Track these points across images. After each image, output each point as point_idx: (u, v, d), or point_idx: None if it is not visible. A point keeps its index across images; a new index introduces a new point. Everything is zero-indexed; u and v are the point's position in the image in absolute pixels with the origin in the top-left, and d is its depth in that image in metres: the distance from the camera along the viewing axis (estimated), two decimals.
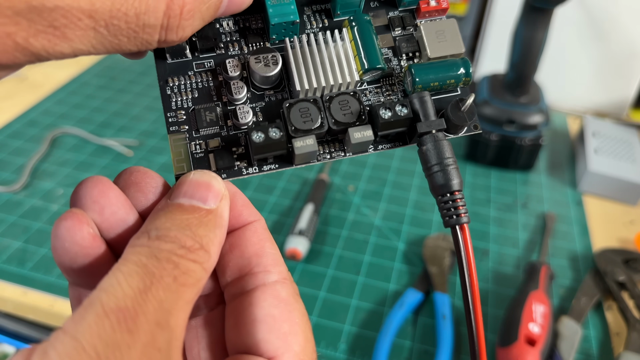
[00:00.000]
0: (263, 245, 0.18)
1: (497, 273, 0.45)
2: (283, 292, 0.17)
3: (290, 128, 0.17)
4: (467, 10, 0.75)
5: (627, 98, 0.68)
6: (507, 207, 0.52)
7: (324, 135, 0.18)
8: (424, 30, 0.19)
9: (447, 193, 0.17)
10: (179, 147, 0.18)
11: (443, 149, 0.18)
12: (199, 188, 0.16)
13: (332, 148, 0.19)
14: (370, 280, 0.43)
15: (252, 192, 0.52)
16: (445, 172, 0.17)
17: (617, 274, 0.44)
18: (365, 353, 0.38)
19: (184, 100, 0.18)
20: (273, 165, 0.18)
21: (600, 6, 0.63)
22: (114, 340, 0.12)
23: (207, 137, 0.18)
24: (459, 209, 0.17)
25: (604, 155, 0.56)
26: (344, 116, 0.18)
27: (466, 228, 0.17)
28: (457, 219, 0.17)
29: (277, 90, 0.19)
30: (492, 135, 0.55)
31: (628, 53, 0.65)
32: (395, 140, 0.19)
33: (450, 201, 0.17)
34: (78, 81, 0.68)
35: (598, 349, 0.39)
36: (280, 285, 0.17)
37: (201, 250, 0.15)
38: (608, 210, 0.53)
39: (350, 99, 0.18)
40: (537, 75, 0.54)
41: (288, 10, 0.18)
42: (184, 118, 0.18)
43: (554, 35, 0.64)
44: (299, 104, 0.18)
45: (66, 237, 0.15)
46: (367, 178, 0.55)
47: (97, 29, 0.14)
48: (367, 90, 0.19)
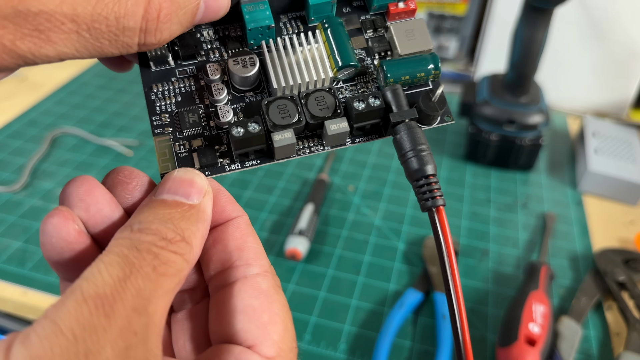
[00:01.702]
0: (245, 239, 0.19)
1: (497, 273, 0.45)
2: (263, 284, 0.18)
3: (269, 124, 0.18)
4: (467, 10, 0.76)
5: (627, 98, 0.68)
6: (507, 207, 0.52)
7: (303, 131, 0.19)
8: (394, 31, 0.20)
9: (422, 177, 0.18)
10: (164, 147, 0.18)
11: (416, 136, 0.18)
12: (182, 184, 0.17)
13: (311, 143, 0.19)
14: (371, 280, 0.43)
15: (252, 192, 0.52)
16: (420, 157, 0.18)
17: (617, 274, 0.44)
18: (365, 353, 0.38)
19: (167, 104, 0.19)
20: (255, 161, 0.19)
21: (600, 6, 0.63)
22: (91, 323, 0.13)
23: (191, 137, 0.19)
24: (434, 192, 0.18)
25: (604, 155, 0.56)
26: (320, 111, 0.19)
27: (442, 210, 0.18)
28: (432, 201, 0.18)
29: (257, 92, 0.20)
30: (492, 135, 0.55)
31: (628, 53, 0.65)
32: (371, 132, 0.20)
33: (425, 185, 0.18)
34: (78, 81, 0.68)
35: (598, 349, 0.39)
36: (261, 277, 0.18)
37: (182, 242, 0.15)
38: (608, 210, 0.53)
39: (325, 95, 0.19)
40: (537, 75, 0.54)
41: (263, 16, 0.19)
42: (168, 121, 0.19)
43: (554, 35, 0.64)
44: (277, 102, 0.19)
45: (53, 233, 0.16)
46: (367, 178, 0.55)
47: (79, 32, 0.15)
48: (342, 88, 0.20)
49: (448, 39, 0.79)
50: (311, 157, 0.57)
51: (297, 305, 0.40)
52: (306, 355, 0.37)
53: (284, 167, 0.55)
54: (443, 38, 0.79)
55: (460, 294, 0.18)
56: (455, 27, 0.77)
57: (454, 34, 0.78)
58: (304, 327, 0.39)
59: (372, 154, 0.58)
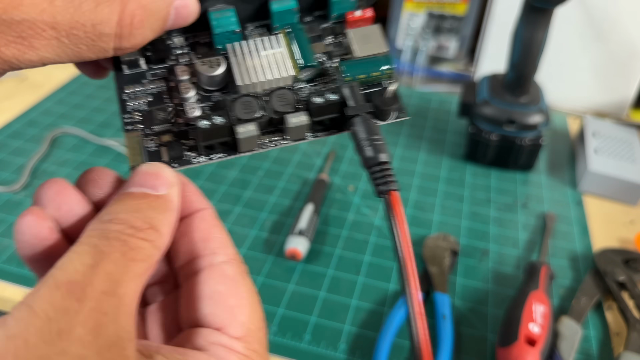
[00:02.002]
0: (210, 230, 0.20)
1: (497, 273, 0.45)
2: (229, 271, 0.19)
3: (234, 118, 0.20)
4: (467, 10, 0.76)
5: (627, 98, 0.68)
6: (507, 207, 0.52)
7: (267, 126, 0.21)
8: (351, 36, 0.22)
9: (376, 164, 0.20)
10: (134, 143, 0.20)
11: (371, 128, 0.20)
12: (149, 177, 0.18)
13: (275, 137, 0.21)
14: (371, 280, 0.43)
15: (252, 192, 0.52)
16: (375, 146, 0.20)
17: (617, 274, 0.44)
18: (365, 353, 0.38)
19: (139, 103, 0.20)
20: (221, 154, 0.20)
21: (600, 6, 0.63)
22: (64, 306, 0.14)
23: (160, 133, 0.20)
24: (388, 177, 0.19)
25: (604, 155, 0.56)
26: (281, 106, 0.20)
27: (396, 194, 0.19)
28: (386, 186, 0.19)
29: (224, 92, 0.21)
30: (492, 136, 0.55)
31: (628, 53, 0.65)
32: (330, 127, 0.22)
33: (379, 171, 0.20)
34: (78, 81, 0.68)
35: (598, 348, 0.39)
36: (226, 264, 0.20)
37: (150, 230, 0.16)
38: (608, 210, 0.53)
39: (287, 93, 0.21)
40: (537, 75, 0.54)
41: (229, 22, 0.21)
42: (139, 118, 0.20)
43: (554, 35, 0.64)
44: (242, 99, 0.20)
45: (26, 231, 0.18)
46: (367, 178, 0.55)
47: (59, 38, 0.16)
48: (304, 88, 0.22)
49: (448, 39, 0.79)
50: (311, 158, 0.57)
51: (297, 305, 0.40)
52: (306, 355, 0.37)
53: (284, 167, 0.55)
54: (443, 38, 0.79)
55: (413, 276, 0.18)
56: (455, 27, 0.78)
57: (454, 34, 0.78)
58: (304, 327, 0.39)
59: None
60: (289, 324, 0.39)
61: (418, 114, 0.67)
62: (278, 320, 0.39)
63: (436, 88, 0.75)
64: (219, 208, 0.49)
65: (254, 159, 0.56)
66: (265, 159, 0.56)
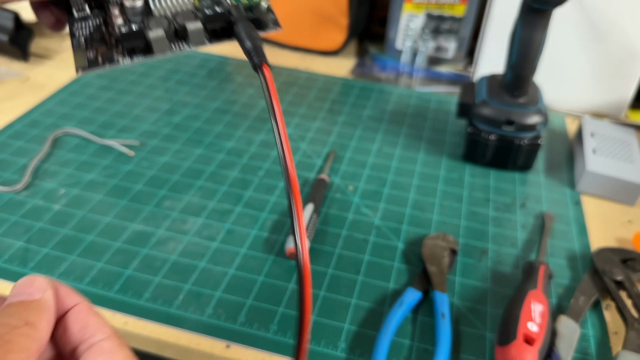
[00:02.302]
0: (87, 319, 0.23)
1: (496, 272, 0.45)
2: (106, 345, 0.22)
3: (146, 26, 0.27)
4: (466, 11, 0.76)
5: (625, 99, 0.69)
6: (506, 207, 0.53)
7: (174, 36, 0.27)
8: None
9: (253, 48, 0.25)
10: (79, 56, 0.27)
11: (251, 29, 0.26)
12: (24, 287, 0.21)
13: (180, 43, 0.27)
14: (370, 280, 0.43)
15: (252, 192, 0.52)
16: (252, 37, 0.26)
17: (615, 274, 0.44)
18: (365, 351, 0.38)
19: (83, 32, 0.28)
20: (140, 56, 0.27)
21: (598, 7, 0.64)
22: None
23: (96, 45, 0.28)
24: (261, 54, 0.25)
25: (602, 156, 0.56)
26: (183, 19, 0.27)
27: (267, 68, 0.24)
28: (259, 59, 0.24)
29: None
30: (491, 136, 0.55)
31: (626, 54, 0.65)
32: (222, 35, 0.27)
33: (254, 50, 0.25)
34: (79, 82, 0.69)
35: (596, 347, 0.40)
36: (104, 341, 0.22)
37: (26, 326, 0.20)
38: (606, 210, 0.53)
39: (188, 12, 0.28)
40: (536, 76, 0.54)
41: None
42: (83, 41, 0.28)
43: (553, 36, 0.65)
44: (154, 17, 0.27)
45: None
46: (367, 178, 0.55)
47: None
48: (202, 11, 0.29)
49: (447, 40, 0.79)
50: (311, 158, 0.57)
51: (297, 305, 0.41)
52: (307, 354, 0.37)
53: None
54: (442, 39, 0.79)
55: (285, 133, 0.23)
56: (454, 28, 0.78)
57: (453, 35, 0.78)
58: None
59: (371, 155, 0.59)
60: (289, 323, 0.39)
61: (417, 115, 0.67)
62: (278, 319, 0.39)
63: (435, 89, 0.75)
64: (220, 208, 0.50)
65: (255, 159, 0.57)
66: (265, 159, 0.57)
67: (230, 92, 0.69)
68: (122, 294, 0.41)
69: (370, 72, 0.78)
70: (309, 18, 0.78)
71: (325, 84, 0.73)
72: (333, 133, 0.62)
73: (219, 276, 0.43)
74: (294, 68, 0.77)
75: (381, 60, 0.82)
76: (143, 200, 0.50)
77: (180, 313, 0.40)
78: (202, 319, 0.39)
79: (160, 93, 0.68)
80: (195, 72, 0.73)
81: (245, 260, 0.44)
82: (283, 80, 0.73)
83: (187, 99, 0.67)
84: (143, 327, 0.39)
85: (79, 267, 0.43)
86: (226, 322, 0.39)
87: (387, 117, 0.66)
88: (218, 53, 0.79)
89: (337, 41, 0.80)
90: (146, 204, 0.50)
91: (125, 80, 0.70)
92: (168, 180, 0.53)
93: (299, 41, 0.81)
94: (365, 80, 0.76)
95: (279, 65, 0.78)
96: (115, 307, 0.40)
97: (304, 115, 0.65)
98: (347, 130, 0.63)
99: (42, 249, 0.44)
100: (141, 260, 0.44)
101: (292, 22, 0.80)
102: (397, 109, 0.68)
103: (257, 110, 0.66)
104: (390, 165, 0.57)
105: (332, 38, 0.80)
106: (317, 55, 0.82)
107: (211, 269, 0.43)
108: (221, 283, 0.42)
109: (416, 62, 0.80)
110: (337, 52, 0.81)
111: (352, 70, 0.79)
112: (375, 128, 0.64)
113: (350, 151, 0.59)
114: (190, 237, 0.46)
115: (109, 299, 0.40)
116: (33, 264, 0.43)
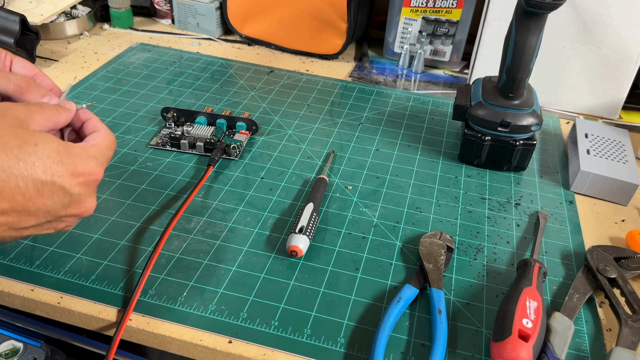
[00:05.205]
0: (95, 123, 0.38)
1: (491, 270, 0.46)
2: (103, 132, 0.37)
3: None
4: (462, 16, 0.77)
5: (619, 100, 0.70)
6: (501, 206, 0.53)
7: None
8: None
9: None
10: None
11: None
12: (65, 104, 0.37)
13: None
14: (369, 277, 0.44)
15: (254, 192, 0.53)
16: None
17: (608, 271, 0.45)
18: (363, 347, 0.39)
19: None
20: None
21: (592, 10, 0.65)
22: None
23: None
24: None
25: (596, 156, 0.57)
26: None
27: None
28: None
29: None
30: (486, 137, 0.56)
31: (619, 56, 0.66)
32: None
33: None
34: (84, 84, 0.70)
35: (590, 344, 0.40)
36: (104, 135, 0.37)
37: (54, 109, 0.35)
38: (600, 210, 0.54)
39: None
40: (530, 78, 0.55)
41: None
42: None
43: (547, 38, 0.66)
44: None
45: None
46: (366, 178, 0.56)
47: None
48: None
49: (444, 43, 0.80)
50: (312, 158, 0.58)
51: (298, 301, 0.42)
52: (307, 349, 0.38)
53: (285, 168, 0.56)
54: (438, 42, 0.80)
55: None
56: (450, 32, 0.79)
57: (449, 38, 0.79)
58: (305, 321, 0.40)
59: (370, 155, 0.60)
60: (290, 319, 0.40)
61: (415, 117, 0.68)
62: (279, 315, 0.40)
63: (432, 91, 0.76)
64: (222, 207, 0.51)
65: (255, 160, 0.57)
66: (267, 160, 0.58)
67: (232, 94, 0.70)
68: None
69: (369, 75, 0.80)
70: (309, 23, 0.79)
71: (325, 86, 0.74)
72: (333, 134, 0.63)
73: (221, 273, 0.44)
74: (295, 71, 0.78)
75: (379, 64, 0.83)
76: (148, 199, 0.51)
77: (184, 309, 0.40)
78: (205, 315, 0.40)
79: (165, 95, 0.69)
80: (198, 75, 0.74)
81: (247, 258, 0.45)
82: (284, 83, 0.74)
83: (191, 100, 0.68)
84: (147, 324, 0.39)
85: (84, 265, 0.43)
86: (229, 318, 0.40)
87: (385, 119, 0.67)
88: (221, 56, 0.80)
89: (337, 45, 0.81)
90: (151, 204, 0.50)
91: (129, 82, 0.71)
92: (172, 180, 0.54)
93: (300, 45, 0.82)
94: (364, 83, 0.77)
95: (281, 68, 0.79)
96: (120, 304, 0.41)
97: (304, 116, 0.66)
98: (347, 132, 0.64)
99: (48, 247, 0.45)
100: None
101: (293, 26, 0.81)
102: (395, 111, 0.69)
103: (258, 111, 0.67)
104: (389, 165, 0.58)
105: (331, 42, 0.81)
106: (317, 58, 0.83)
107: (214, 266, 0.44)
108: (224, 280, 0.43)
109: (414, 65, 0.81)
110: (337, 55, 0.82)
111: (351, 73, 0.80)
112: (374, 129, 0.65)
113: (349, 152, 0.60)
114: (193, 236, 0.47)
115: (114, 296, 0.41)
116: (39, 262, 0.43)
